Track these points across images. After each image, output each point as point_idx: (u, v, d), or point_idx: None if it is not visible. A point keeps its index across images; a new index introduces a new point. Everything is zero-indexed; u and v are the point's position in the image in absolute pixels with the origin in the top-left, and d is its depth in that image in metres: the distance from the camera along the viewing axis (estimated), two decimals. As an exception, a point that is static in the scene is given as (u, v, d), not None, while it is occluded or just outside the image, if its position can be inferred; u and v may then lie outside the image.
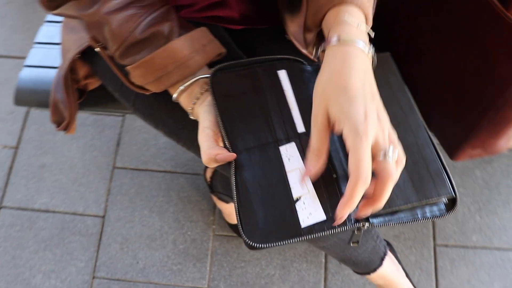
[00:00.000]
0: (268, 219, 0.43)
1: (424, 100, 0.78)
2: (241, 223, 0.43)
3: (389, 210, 0.44)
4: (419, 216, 0.45)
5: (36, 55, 0.87)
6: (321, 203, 0.44)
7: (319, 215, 0.43)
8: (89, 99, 0.81)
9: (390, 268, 0.81)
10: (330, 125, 0.42)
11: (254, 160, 0.46)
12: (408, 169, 0.46)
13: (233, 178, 0.45)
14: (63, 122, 0.76)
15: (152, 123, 0.67)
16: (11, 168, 1.21)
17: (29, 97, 0.82)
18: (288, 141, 0.47)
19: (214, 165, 0.47)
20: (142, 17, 0.52)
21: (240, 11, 0.66)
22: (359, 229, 0.44)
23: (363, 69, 0.44)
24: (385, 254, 0.78)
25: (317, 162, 0.43)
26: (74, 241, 1.14)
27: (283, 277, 1.11)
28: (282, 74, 0.52)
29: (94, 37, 0.57)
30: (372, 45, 0.47)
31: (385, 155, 0.40)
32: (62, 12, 0.55)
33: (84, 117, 1.28)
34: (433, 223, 1.16)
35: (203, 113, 0.51)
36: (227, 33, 0.69)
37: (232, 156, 0.46)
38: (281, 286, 1.10)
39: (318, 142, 0.43)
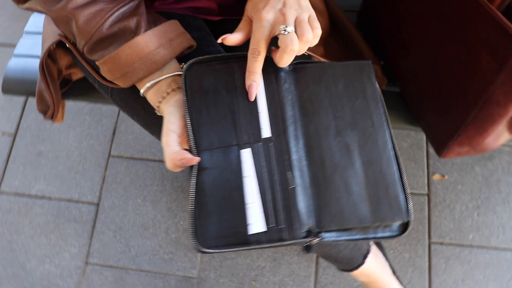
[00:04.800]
0: (220, 224, 0.43)
1: (413, 93, 0.75)
2: (193, 225, 0.43)
3: (342, 227, 0.44)
4: (370, 236, 0.45)
5: (25, 44, 0.87)
6: (268, 214, 0.44)
7: (260, 227, 0.43)
8: (75, 89, 0.82)
9: (374, 266, 0.79)
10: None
11: (215, 162, 0.46)
12: (367, 188, 0.46)
13: (192, 179, 0.45)
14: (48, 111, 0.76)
15: (128, 114, 0.67)
16: (9, 154, 1.24)
17: (16, 86, 0.82)
18: (250, 145, 0.47)
19: (178, 169, 0.47)
20: (109, 12, 0.51)
21: (218, 1, 0.65)
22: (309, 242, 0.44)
23: None
24: (368, 251, 0.77)
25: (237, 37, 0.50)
26: (68, 227, 1.15)
27: (273, 269, 1.10)
28: None
29: (63, 32, 0.57)
30: None
31: (285, 30, 0.46)
32: (30, 7, 0.54)
33: (81, 106, 1.29)
34: (429, 219, 1.14)
35: (168, 114, 0.50)
36: (206, 25, 0.68)
37: (195, 160, 0.46)
38: (271, 279, 1.10)
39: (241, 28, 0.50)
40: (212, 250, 0.42)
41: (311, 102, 0.50)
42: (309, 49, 0.65)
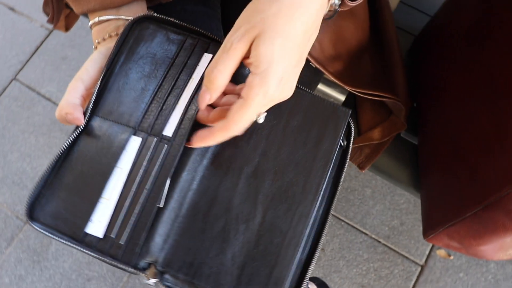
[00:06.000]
0: (65, 204, 0.36)
1: (428, 149, 0.61)
2: (38, 191, 0.36)
3: (192, 281, 0.35)
4: None
5: None
6: (116, 221, 0.35)
7: (99, 230, 0.35)
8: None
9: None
10: (243, 57, 0.35)
11: (100, 135, 0.38)
12: (248, 256, 0.35)
13: (67, 141, 0.37)
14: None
15: None
16: (38, 47, 1.24)
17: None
18: (145, 135, 0.38)
19: (65, 123, 0.40)
20: None
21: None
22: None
23: (314, 20, 0.36)
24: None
25: (207, 92, 0.36)
26: (58, 137, 1.15)
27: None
28: (205, 60, 0.41)
29: None
30: None
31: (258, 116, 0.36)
32: None
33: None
34: (410, 293, 0.98)
35: (90, 60, 0.43)
36: None
37: (78, 121, 0.39)
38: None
39: (223, 69, 0.34)
40: (41, 229, 0.35)
41: None
42: (320, 62, 0.53)
